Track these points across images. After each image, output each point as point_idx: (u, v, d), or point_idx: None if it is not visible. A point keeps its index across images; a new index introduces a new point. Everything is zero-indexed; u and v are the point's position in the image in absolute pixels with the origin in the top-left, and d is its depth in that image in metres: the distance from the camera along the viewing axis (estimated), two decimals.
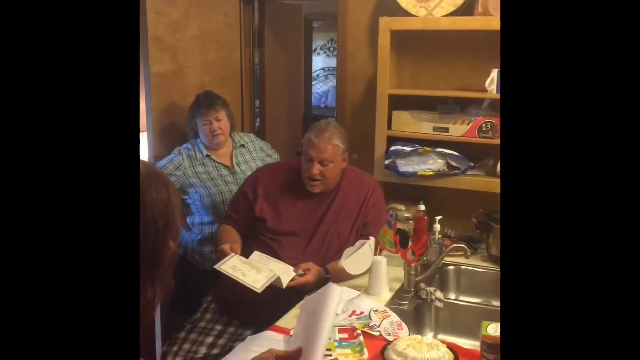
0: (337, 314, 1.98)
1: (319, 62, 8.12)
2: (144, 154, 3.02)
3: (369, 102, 2.96)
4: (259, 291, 1.96)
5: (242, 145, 2.79)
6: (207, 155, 2.66)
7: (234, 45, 3.17)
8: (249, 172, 2.69)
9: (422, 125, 2.77)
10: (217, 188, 2.62)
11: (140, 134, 3.26)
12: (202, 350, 2.10)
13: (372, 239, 2.16)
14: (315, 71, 7.74)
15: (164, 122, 2.74)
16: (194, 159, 2.64)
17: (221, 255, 2.13)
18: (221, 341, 2.14)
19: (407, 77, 2.94)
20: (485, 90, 2.61)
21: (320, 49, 8.16)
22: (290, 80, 4.19)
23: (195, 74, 2.89)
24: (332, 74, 8.08)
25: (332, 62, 8.07)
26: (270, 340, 1.81)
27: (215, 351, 2.10)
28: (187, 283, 2.70)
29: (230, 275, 2.00)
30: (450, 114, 2.74)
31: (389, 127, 2.82)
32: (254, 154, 2.81)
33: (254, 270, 2.04)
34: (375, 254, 2.15)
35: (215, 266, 2.04)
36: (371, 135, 2.84)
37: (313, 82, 6.79)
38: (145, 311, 0.94)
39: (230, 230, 2.34)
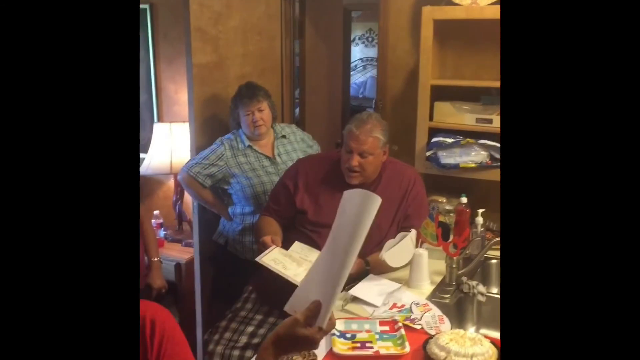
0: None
1: (357, 52, 8.06)
2: (187, 145, 3.05)
3: (411, 93, 2.92)
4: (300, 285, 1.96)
5: (284, 136, 2.80)
6: (249, 146, 2.67)
7: (275, 36, 3.17)
8: (290, 163, 2.69)
9: (464, 117, 2.73)
10: (259, 178, 2.63)
11: (183, 125, 3.30)
12: (243, 339, 2.13)
13: (413, 232, 2.14)
14: (354, 62, 7.69)
15: (206, 113, 2.76)
16: (236, 149, 2.65)
17: (262, 247, 2.14)
18: (262, 331, 2.15)
19: (450, 67, 2.89)
20: None
21: (359, 39, 8.10)
22: (329, 71, 4.18)
23: (236, 65, 2.90)
24: (371, 64, 8.02)
25: (371, 53, 8.01)
26: None
27: (256, 340, 2.12)
28: (228, 273, 2.73)
29: (271, 268, 2.01)
30: (493, 105, 2.69)
31: (431, 118, 2.78)
32: (295, 145, 2.81)
33: (295, 264, 2.04)
34: (416, 247, 2.13)
35: (257, 259, 2.06)
36: (412, 126, 2.81)
37: (351, 73, 6.75)
38: None
39: (271, 221, 2.35)
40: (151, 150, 3.38)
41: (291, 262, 2.06)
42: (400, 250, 2.10)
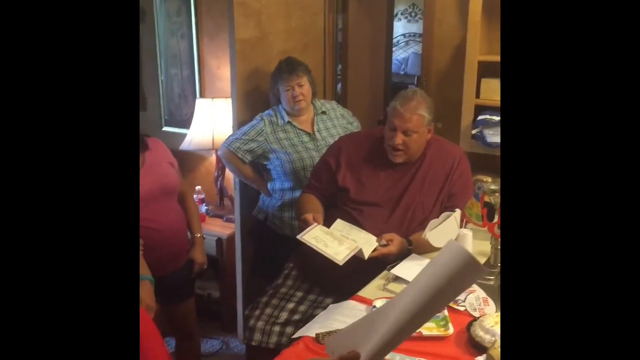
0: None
1: (400, 27, 7.87)
2: (229, 120, 3.06)
3: (457, 69, 2.85)
4: (341, 264, 1.95)
5: (324, 112, 2.77)
6: (289, 122, 2.65)
7: (318, 11, 3.12)
8: (329, 139, 2.67)
9: None
10: (298, 154, 2.62)
11: (225, 100, 3.30)
12: (284, 315, 2.13)
13: (457, 211, 2.09)
14: (396, 37, 7.54)
15: (248, 88, 2.75)
16: (276, 125, 2.64)
17: (304, 225, 2.13)
18: (302, 307, 2.16)
19: (498, 42, 2.79)
20: None
21: (401, 14, 7.93)
22: (372, 47, 4.10)
23: (278, 40, 2.87)
24: (413, 40, 7.83)
25: (413, 28, 7.81)
26: (353, 310, 1.81)
27: (296, 317, 2.13)
28: (268, 248, 2.74)
29: (312, 246, 2.00)
30: None
31: (477, 95, 2.71)
32: (335, 121, 2.78)
33: (337, 242, 2.03)
34: (460, 227, 2.09)
35: (298, 236, 2.05)
36: (458, 103, 2.75)
37: (393, 49, 6.63)
38: None
39: (312, 199, 2.34)
40: (193, 125, 3.39)
41: (332, 240, 2.04)
42: (444, 230, 2.06)
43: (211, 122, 3.36)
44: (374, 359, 0.99)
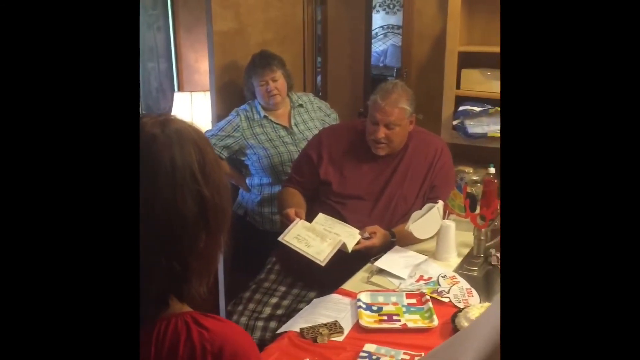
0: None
1: (378, 19, 7.88)
2: (208, 114, 3.01)
3: (437, 60, 2.85)
4: (323, 264, 1.93)
5: (300, 105, 2.74)
6: (265, 117, 2.62)
7: (297, 2, 3.09)
8: (307, 133, 2.64)
9: (493, 84, 2.65)
10: (276, 149, 2.59)
11: (204, 93, 3.26)
12: (267, 310, 2.11)
13: (440, 203, 2.09)
14: (374, 29, 7.53)
15: (227, 81, 2.71)
16: (252, 120, 2.61)
17: (286, 220, 2.11)
18: (285, 302, 2.14)
19: (478, 33, 2.80)
20: None
21: (380, 6, 7.92)
22: (351, 39, 4.08)
23: (257, 32, 2.83)
24: (392, 31, 7.85)
25: (392, 20, 7.83)
26: (337, 303, 1.80)
27: (279, 312, 2.11)
28: (248, 243, 2.72)
29: (294, 248, 1.98)
30: None
31: (458, 86, 2.71)
32: (312, 114, 2.76)
33: (319, 239, 2.01)
34: (443, 218, 2.09)
35: (279, 238, 2.02)
36: (438, 94, 2.75)
37: (372, 41, 6.61)
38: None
39: (294, 193, 2.31)
40: None
41: (314, 236, 2.03)
42: (427, 221, 2.05)
43: (190, 116, 3.32)
44: None
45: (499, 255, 2.06)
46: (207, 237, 0.87)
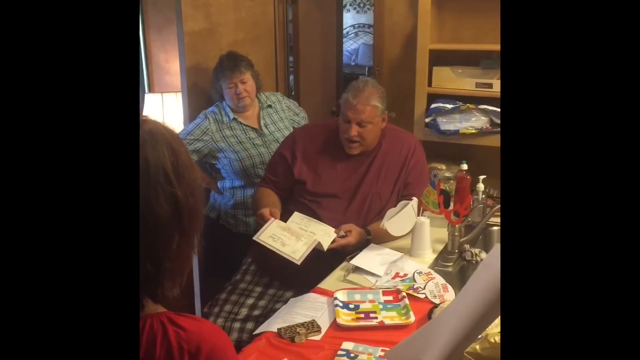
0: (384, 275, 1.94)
1: (349, 18, 7.90)
2: (179, 115, 2.98)
3: (408, 58, 2.86)
4: (299, 263, 1.93)
5: (269, 106, 2.73)
6: (234, 119, 2.59)
7: (267, 1, 3.08)
8: (277, 134, 2.64)
9: (464, 82, 2.67)
10: (247, 152, 2.57)
11: (175, 95, 3.23)
12: (244, 311, 2.10)
13: (414, 200, 2.10)
14: (346, 28, 7.55)
15: (199, 83, 2.69)
16: (221, 122, 2.58)
17: (260, 220, 2.10)
18: (262, 302, 2.13)
19: (449, 31, 2.82)
20: None
21: (350, 5, 7.95)
22: (323, 38, 4.08)
23: (228, 32, 2.81)
24: (363, 30, 7.88)
25: (362, 19, 7.86)
26: (314, 302, 1.80)
27: (256, 312, 2.10)
28: (222, 246, 2.69)
29: (269, 247, 1.97)
30: (493, 69, 2.63)
31: (430, 84, 2.72)
32: (281, 114, 2.75)
33: (294, 238, 2.01)
34: (418, 215, 2.10)
35: (254, 237, 2.01)
36: (410, 92, 2.76)
37: (343, 40, 6.62)
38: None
39: (269, 193, 2.30)
40: None
41: (290, 236, 2.02)
42: (401, 218, 2.07)
43: (161, 118, 3.28)
44: None
45: (472, 250, 2.09)
46: (181, 238, 0.86)
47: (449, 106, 2.65)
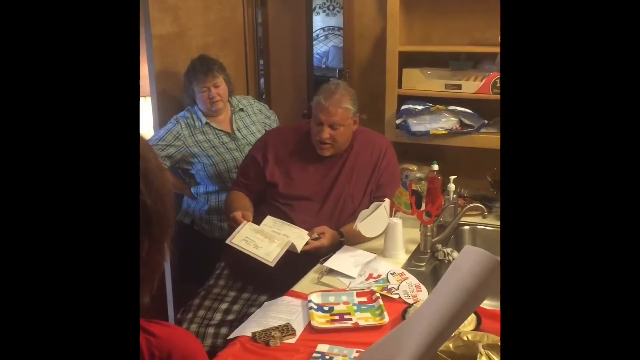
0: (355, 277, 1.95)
1: (319, 21, 7.92)
2: (148, 120, 2.95)
3: (378, 60, 2.88)
4: (272, 265, 1.92)
5: (241, 110, 2.71)
6: (207, 123, 2.57)
7: (237, 4, 3.07)
8: (250, 137, 2.63)
9: (433, 83, 2.70)
10: (220, 156, 2.55)
11: (144, 99, 3.18)
12: (217, 316, 2.08)
13: (387, 201, 2.11)
14: (315, 31, 7.56)
15: (168, 86, 2.66)
16: (193, 127, 2.55)
17: (233, 223, 2.09)
18: (236, 307, 2.11)
19: (417, 33, 2.85)
20: (498, 45, 2.53)
21: (320, 7, 7.96)
22: (293, 41, 4.09)
23: (198, 36, 2.80)
24: (333, 33, 7.91)
25: (332, 22, 7.89)
26: (288, 305, 1.79)
27: (230, 317, 2.08)
28: (197, 252, 2.67)
29: (242, 250, 1.96)
30: (462, 70, 2.67)
31: (400, 85, 2.74)
32: (253, 117, 2.74)
33: (267, 240, 2.00)
34: (390, 216, 2.11)
35: (227, 241, 2.00)
36: (381, 94, 2.78)
37: (313, 42, 6.64)
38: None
39: (241, 196, 2.29)
40: None
41: (263, 238, 2.01)
42: (374, 220, 2.08)
43: None
44: None
45: (445, 250, 2.11)
46: (150, 245, 0.85)
47: (419, 107, 2.67)
